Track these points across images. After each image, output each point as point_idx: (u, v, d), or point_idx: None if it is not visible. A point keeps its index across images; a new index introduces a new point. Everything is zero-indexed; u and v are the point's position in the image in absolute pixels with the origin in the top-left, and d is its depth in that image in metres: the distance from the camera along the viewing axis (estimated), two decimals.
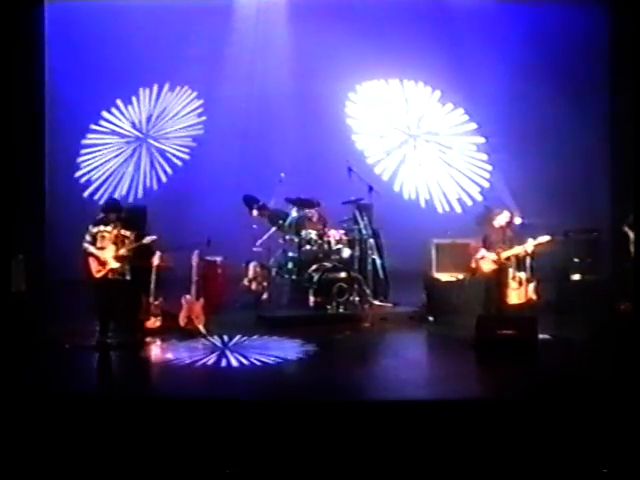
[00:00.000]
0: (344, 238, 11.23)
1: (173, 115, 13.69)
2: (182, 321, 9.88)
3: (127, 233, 9.52)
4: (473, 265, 10.53)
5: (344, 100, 13.71)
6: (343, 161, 11.56)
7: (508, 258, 10.28)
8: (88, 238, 9.48)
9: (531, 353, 8.86)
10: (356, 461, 6.23)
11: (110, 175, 13.60)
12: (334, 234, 11.24)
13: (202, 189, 13.25)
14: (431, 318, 10.72)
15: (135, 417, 6.67)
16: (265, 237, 11.41)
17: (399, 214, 12.61)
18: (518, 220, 10.54)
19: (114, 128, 13.62)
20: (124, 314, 9.63)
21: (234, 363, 8.58)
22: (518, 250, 10.25)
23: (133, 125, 13.69)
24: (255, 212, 11.46)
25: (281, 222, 11.39)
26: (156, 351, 9.33)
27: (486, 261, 10.31)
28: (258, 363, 8.59)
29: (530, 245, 10.20)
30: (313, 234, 11.17)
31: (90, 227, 9.55)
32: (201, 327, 9.84)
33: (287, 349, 9.18)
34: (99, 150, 13.61)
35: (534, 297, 10.50)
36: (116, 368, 8.95)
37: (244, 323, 10.43)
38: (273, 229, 11.49)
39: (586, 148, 12.96)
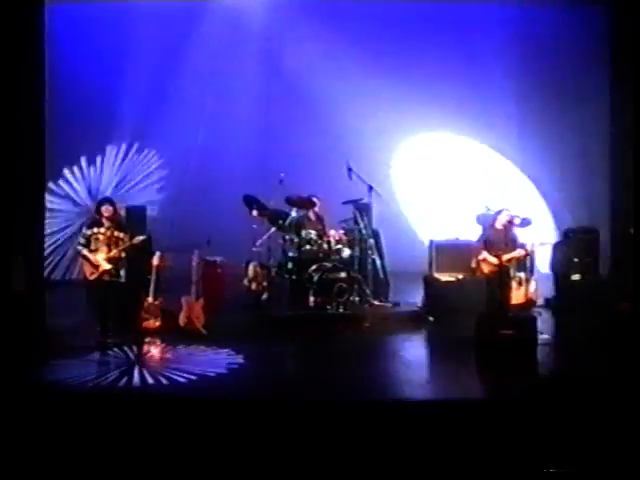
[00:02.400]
0: (344, 238, 11.23)
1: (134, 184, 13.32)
2: (182, 321, 9.88)
3: (121, 234, 9.54)
4: (474, 265, 10.54)
5: (344, 99, 13.69)
6: (343, 161, 11.57)
7: (509, 260, 10.29)
8: (82, 241, 9.51)
9: (531, 353, 8.86)
10: (356, 461, 6.23)
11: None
12: (334, 234, 11.25)
13: (202, 189, 13.24)
14: (431, 318, 10.72)
15: (134, 417, 6.67)
16: (265, 237, 11.40)
17: (399, 214, 12.61)
18: (518, 220, 10.53)
19: (69, 192, 13.09)
20: (121, 315, 9.64)
21: (136, 381, 7.88)
22: (520, 253, 10.27)
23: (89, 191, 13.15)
24: (255, 212, 11.44)
25: (281, 222, 11.38)
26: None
27: (487, 263, 10.32)
28: (165, 382, 7.87)
29: (531, 247, 10.21)
30: (313, 234, 11.17)
31: (84, 229, 9.60)
32: (201, 327, 9.85)
33: (208, 362, 8.61)
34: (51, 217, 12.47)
35: (534, 297, 10.51)
36: (115, 368, 8.94)
37: (244, 323, 10.44)
38: (273, 229, 11.48)
39: (586, 148, 12.96)
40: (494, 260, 10.23)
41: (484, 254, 10.33)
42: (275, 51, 13.26)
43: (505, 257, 10.23)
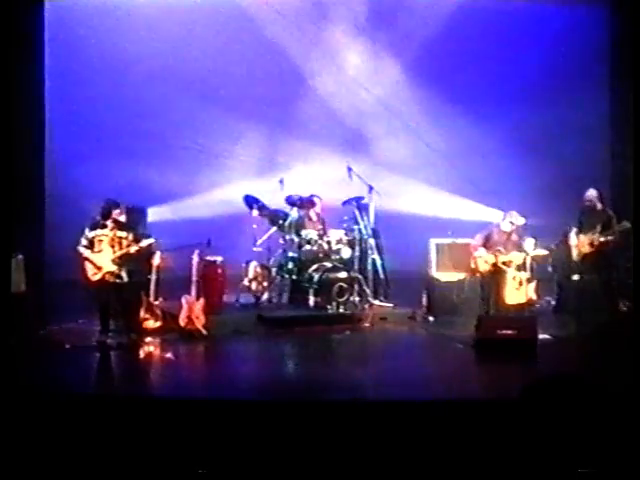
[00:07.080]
0: (344, 238, 11.23)
1: None
2: (182, 321, 9.88)
3: (123, 234, 9.52)
4: (472, 265, 10.52)
5: (344, 98, 13.69)
6: (343, 160, 11.58)
7: (505, 263, 10.25)
8: (84, 242, 9.45)
9: (531, 353, 8.86)
10: (355, 461, 6.22)
11: None
12: (334, 234, 11.25)
13: (202, 188, 13.22)
14: (431, 318, 10.73)
15: (134, 418, 6.67)
16: (265, 237, 11.41)
17: (399, 214, 12.59)
18: (521, 220, 10.46)
19: None
20: (123, 315, 9.64)
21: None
22: (515, 257, 10.23)
23: None
24: (255, 212, 11.46)
25: (281, 222, 11.39)
26: None
27: (482, 261, 10.28)
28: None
29: (528, 256, 10.22)
30: (313, 234, 11.18)
31: (86, 231, 9.53)
32: (201, 327, 9.84)
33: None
34: None
35: (534, 297, 10.50)
36: (115, 368, 8.96)
37: (244, 323, 10.44)
38: (273, 229, 11.49)
39: (586, 148, 12.94)
40: (490, 258, 10.18)
41: (481, 251, 10.27)
42: (278, 50, 13.21)
43: (501, 259, 10.19)
